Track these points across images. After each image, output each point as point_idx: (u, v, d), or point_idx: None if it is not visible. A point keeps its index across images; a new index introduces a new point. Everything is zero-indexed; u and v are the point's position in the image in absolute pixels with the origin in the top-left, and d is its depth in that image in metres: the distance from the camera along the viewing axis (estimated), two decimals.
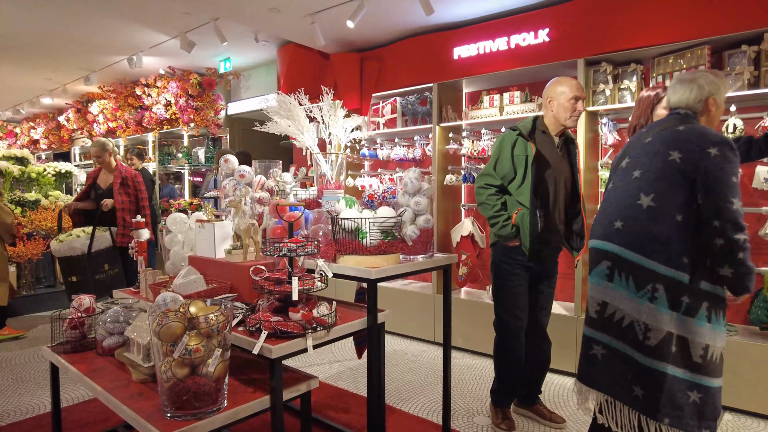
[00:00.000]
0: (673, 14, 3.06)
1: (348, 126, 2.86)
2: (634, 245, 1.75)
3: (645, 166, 1.79)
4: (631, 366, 1.76)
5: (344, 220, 2.00)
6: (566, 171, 2.56)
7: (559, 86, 2.51)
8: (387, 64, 4.44)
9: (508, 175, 2.50)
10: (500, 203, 2.50)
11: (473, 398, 3.07)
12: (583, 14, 3.37)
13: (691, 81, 1.85)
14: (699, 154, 1.69)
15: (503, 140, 2.54)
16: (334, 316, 1.87)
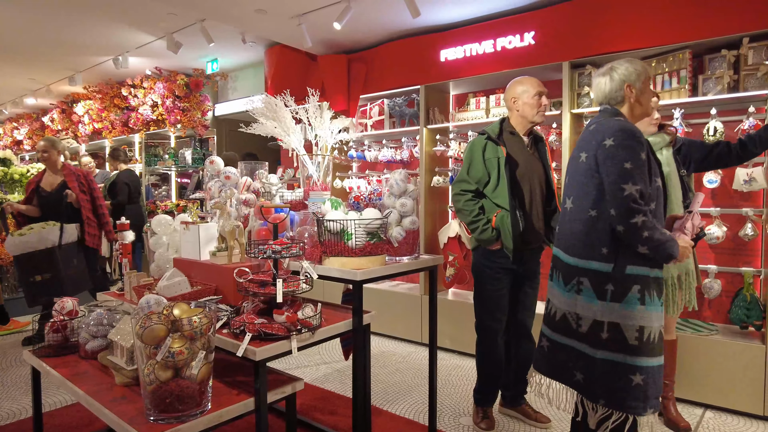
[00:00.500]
0: (655, 19, 3.11)
1: (335, 127, 2.86)
2: (563, 245, 1.90)
3: (568, 172, 1.93)
4: (570, 354, 1.85)
5: (330, 222, 2.00)
6: (539, 169, 2.59)
7: (520, 86, 2.56)
8: (374, 66, 4.45)
9: (483, 179, 2.52)
10: (478, 208, 2.52)
11: (460, 398, 3.08)
12: (567, 18, 3.40)
13: (604, 74, 1.89)
14: (597, 149, 1.77)
15: (473, 146, 2.57)
16: (319, 318, 1.87)
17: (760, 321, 2.92)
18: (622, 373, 1.74)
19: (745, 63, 2.91)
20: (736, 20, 2.87)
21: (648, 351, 1.74)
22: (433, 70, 4.05)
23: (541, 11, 3.53)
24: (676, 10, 3.04)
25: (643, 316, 1.74)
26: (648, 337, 1.74)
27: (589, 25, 3.31)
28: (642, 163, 1.72)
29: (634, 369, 1.73)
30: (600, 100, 1.93)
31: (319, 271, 2.04)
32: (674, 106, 3.09)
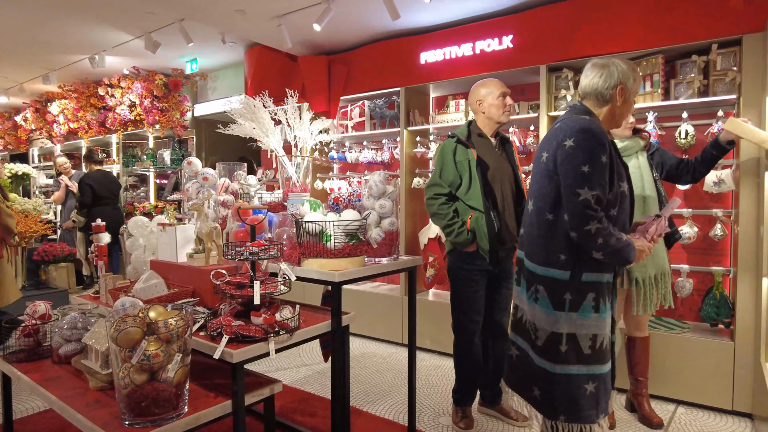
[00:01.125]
0: (629, 24, 3.18)
1: (314, 129, 2.86)
2: (525, 249, 1.86)
3: (533, 172, 1.87)
4: (530, 367, 1.80)
5: (308, 223, 2.01)
6: (508, 170, 2.63)
7: (483, 88, 2.60)
8: (355, 68, 4.45)
9: (455, 182, 2.55)
10: (452, 211, 2.54)
11: (439, 398, 3.11)
12: (545, 22, 3.46)
13: (604, 66, 1.78)
14: (557, 149, 1.70)
15: (444, 149, 2.60)
16: (297, 320, 1.87)
17: (729, 319, 3.01)
18: (577, 383, 1.70)
19: (714, 68, 3.00)
20: (706, 27, 2.95)
21: (600, 358, 1.72)
22: (413, 72, 4.08)
23: (519, 15, 3.58)
24: (649, 16, 3.11)
25: (596, 324, 1.70)
26: (600, 344, 1.72)
27: (566, 30, 3.37)
28: (602, 167, 1.64)
29: (587, 378, 1.70)
30: (588, 89, 1.82)
31: (297, 273, 2.04)
32: (648, 110, 3.16)
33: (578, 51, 3.32)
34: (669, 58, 3.18)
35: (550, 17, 3.44)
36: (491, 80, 2.64)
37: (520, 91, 3.91)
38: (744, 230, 2.82)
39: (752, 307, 2.77)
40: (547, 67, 3.40)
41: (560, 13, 3.40)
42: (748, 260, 2.80)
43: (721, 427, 2.73)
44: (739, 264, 2.84)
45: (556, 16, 3.41)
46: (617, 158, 1.77)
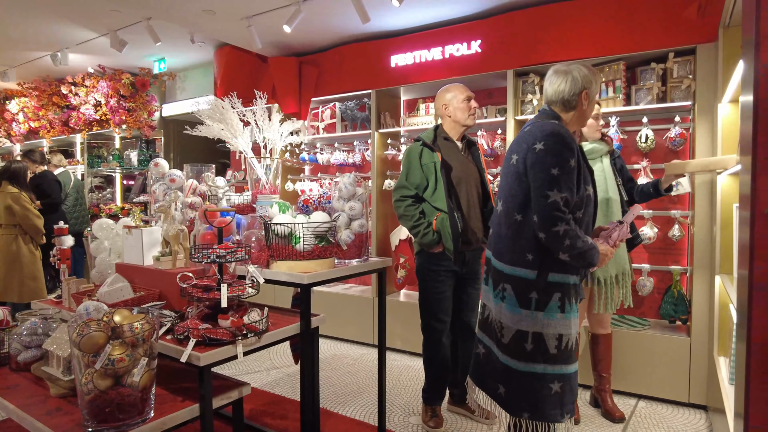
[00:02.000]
0: (592, 32, 3.28)
1: (284, 130, 2.86)
2: (492, 249, 1.90)
3: (502, 173, 1.91)
4: (495, 365, 1.85)
5: (277, 225, 2.01)
6: (474, 172, 2.69)
7: (448, 93, 2.67)
8: (326, 69, 4.46)
9: (421, 184, 2.60)
10: (418, 212, 2.59)
11: (410, 398, 3.14)
12: (512, 27, 3.54)
13: (566, 73, 1.82)
14: (527, 152, 1.74)
15: (410, 152, 2.65)
16: (265, 323, 1.87)
17: (686, 315, 3.14)
18: (542, 382, 1.74)
19: (671, 76, 3.12)
20: (663, 37, 3.07)
21: (566, 359, 1.76)
22: (384, 75, 4.10)
23: (487, 20, 3.65)
24: (611, 24, 3.22)
25: (562, 324, 1.74)
26: (566, 344, 1.75)
27: (532, 36, 3.45)
28: (570, 170, 1.68)
29: (553, 378, 1.74)
30: (551, 99, 1.86)
31: (266, 276, 2.03)
32: (611, 114, 3.27)
33: (544, 56, 3.41)
34: (630, 65, 3.30)
35: (516, 23, 3.52)
36: (456, 85, 2.71)
37: (487, 95, 3.98)
38: (699, 231, 2.94)
39: (707, 304, 2.90)
40: (514, 72, 3.48)
41: (526, 19, 3.48)
42: (703, 259, 2.92)
43: (677, 419, 2.84)
44: (694, 263, 2.97)
45: (523, 22, 3.49)
46: (584, 162, 1.82)
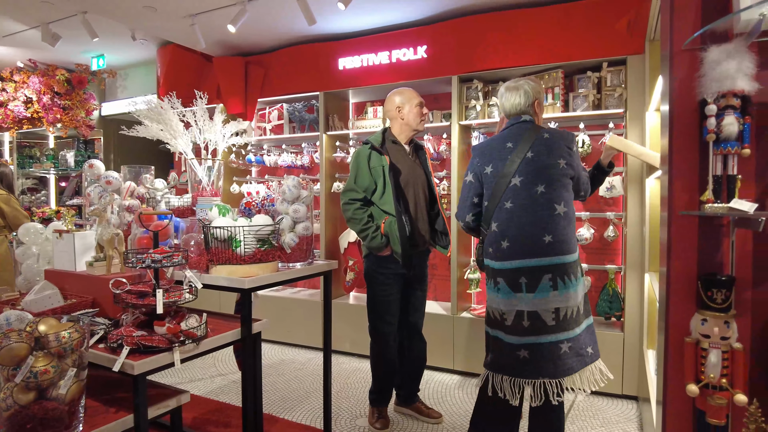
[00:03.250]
0: (533, 40, 3.40)
1: (227, 131, 2.81)
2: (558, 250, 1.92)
3: (545, 180, 1.95)
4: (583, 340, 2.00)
5: (216, 229, 1.96)
6: (421, 176, 2.73)
7: (401, 96, 2.71)
8: (273, 70, 4.40)
9: (369, 187, 2.61)
10: (367, 216, 2.60)
11: (358, 401, 3.14)
12: (456, 34, 3.61)
13: (518, 88, 2.08)
14: (571, 155, 2.02)
15: (358, 155, 2.66)
16: (204, 329, 1.83)
17: (620, 312, 3.30)
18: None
19: (605, 84, 3.29)
20: (598, 47, 3.23)
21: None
22: (332, 78, 4.10)
23: (432, 26, 3.71)
24: (550, 34, 3.35)
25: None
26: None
27: (475, 43, 3.54)
28: None
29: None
30: (513, 110, 2.09)
31: (205, 281, 1.99)
32: (550, 120, 3.40)
33: (487, 63, 3.51)
34: (568, 73, 3.45)
35: (460, 30, 3.60)
36: (408, 89, 2.74)
37: (434, 99, 4.05)
38: (631, 231, 3.11)
39: (638, 300, 3.07)
40: (458, 78, 3.56)
41: (470, 27, 3.57)
42: (634, 258, 3.09)
43: (611, 410, 2.99)
44: (627, 262, 3.13)
45: (466, 29, 3.58)
46: None
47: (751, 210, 1.33)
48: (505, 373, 1.99)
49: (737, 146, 1.43)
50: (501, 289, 1.98)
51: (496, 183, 2.01)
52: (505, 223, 1.97)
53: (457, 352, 3.56)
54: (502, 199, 2.00)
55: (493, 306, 2.04)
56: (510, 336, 1.97)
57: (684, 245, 1.58)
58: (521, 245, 1.94)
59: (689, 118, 1.55)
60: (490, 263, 2.04)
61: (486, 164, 2.05)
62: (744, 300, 1.53)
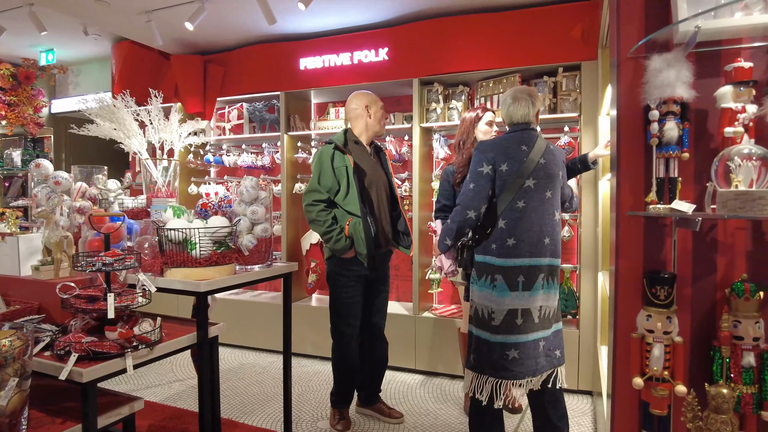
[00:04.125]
0: (492, 45, 3.47)
1: (184, 131, 2.74)
2: (551, 253, 2.08)
3: (552, 187, 2.10)
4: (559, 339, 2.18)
5: (170, 231, 1.92)
6: (383, 177, 2.75)
7: (367, 98, 2.74)
8: (233, 69, 4.33)
9: (333, 187, 2.59)
10: (331, 218, 2.57)
11: (319, 403, 3.12)
12: (417, 37, 3.65)
13: (526, 99, 2.14)
14: (564, 168, 2.20)
15: (321, 155, 2.63)
16: (158, 333, 1.78)
17: (575, 310, 3.41)
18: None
19: (561, 89, 3.39)
20: (554, 53, 3.32)
21: None
22: (293, 78, 4.07)
23: (393, 29, 3.74)
24: (508, 39, 3.43)
25: None
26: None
27: (436, 46, 3.59)
28: None
29: None
30: (522, 120, 2.14)
31: (159, 284, 1.94)
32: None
33: (447, 67, 3.56)
34: (525, 78, 3.53)
35: (421, 33, 3.64)
36: (371, 93, 2.79)
37: (395, 102, 4.08)
38: (585, 231, 3.21)
39: (592, 298, 3.17)
40: (419, 81, 3.60)
41: (430, 30, 3.61)
42: (588, 257, 3.20)
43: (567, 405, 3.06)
44: (582, 261, 3.23)
45: (427, 32, 3.62)
46: None
47: (689, 211, 1.41)
48: (489, 374, 2.04)
49: (677, 150, 1.50)
50: (498, 286, 2.02)
51: (512, 182, 2.04)
52: (515, 222, 2.02)
53: (419, 351, 3.59)
54: (516, 199, 2.04)
55: (484, 303, 2.06)
56: (497, 335, 2.02)
57: (631, 244, 1.65)
58: (526, 244, 2.01)
59: (635, 123, 1.62)
60: (491, 260, 2.05)
61: (502, 161, 2.05)
62: (685, 296, 1.61)
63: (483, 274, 2.07)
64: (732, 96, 1.43)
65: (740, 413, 1.45)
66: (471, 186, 2.06)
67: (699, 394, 1.45)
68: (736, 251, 1.57)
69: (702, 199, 1.54)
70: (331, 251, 2.64)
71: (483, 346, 2.06)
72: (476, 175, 2.07)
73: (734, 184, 1.31)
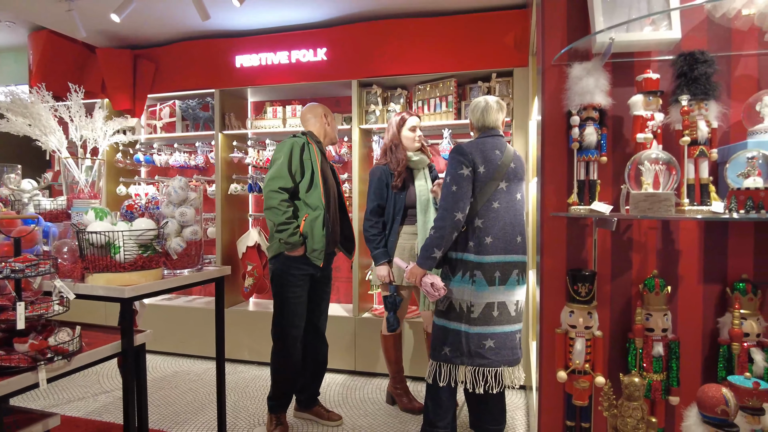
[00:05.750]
0: (429, 50, 3.54)
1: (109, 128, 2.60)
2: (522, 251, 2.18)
3: (520, 189, 2.22)
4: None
5: (91, 234, 1.81)
6: (334, 183, 2.79)
7: (322, 108, 2.81)
8: (165, 65, 4.15)
9: (297, 176, 2.58)
10: (291, 211, 2.53)
11: (256, 410, 3.05)
12: (356, 38, 3.66)
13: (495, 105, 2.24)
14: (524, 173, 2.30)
15: (293, 144, 2.60)
16: (77, 343, 1.67)
17: None
18: None
19: (494, 94, 3.50)
20: (488, 58, 3.43)
21: None
22: (228, 75, 3.95)
23: (332, 29, 3.72)
24: (444, 45, 3.50)
25: None
26: None
27: (374, 48, 3.61)
28: None
29: None
30: (493, 126, 2.23)
31: (80, 290, 1.82)
32: (444, 127, 3.55)
33: (385, 69, 3.59)
34: (461, 82, 3.62)
35: (359, 35, 3.65)
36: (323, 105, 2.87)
37: (335, 103, 4.07)
38: None
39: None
40: (358, 82, 3.60)
41: (368, 32, 3.63)
42: None
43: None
44: None
45: (365, 34, 3.63)
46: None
47: (607, 211, 1.49)
48: (467, 363, 2.14)
49: (597, 154, 1.59)
50: (477, 281, 2.10)
51: (487, 183, 2.12)
52: (491, 221, 2.12)
53: (359, 353, 3.59)
54: (491, 199, 2.13)
55: (462, 298, 2.14)
56: (475, 327, 2.12)
57: (554, 244, 1.73)
58: (501, 242, 2.12)
59: (558, 127, 1.70)
60: (468, 257, 2.13)
61: (480, 164, 2.12)
62: (604, 292, 1.71)
63: (460, 271, 2.15)
64: (642, 104, 1.54)
65: (651, 399, 1.56)
66: (454, 189, 2.10)
67: (615, 384, 1.55)
68: (649, 249, 1.69)
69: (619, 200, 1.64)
70: (280, 247, 2.56)
71: (460, 337, 2.15)
72: (458, 177, 2.10)
73: (644, 186, 1.40)
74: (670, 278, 1.66)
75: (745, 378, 1.34)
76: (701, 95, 1.46)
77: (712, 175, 1.53)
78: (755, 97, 1.52)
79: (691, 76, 1.47)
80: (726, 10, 1.44)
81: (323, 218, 2.55)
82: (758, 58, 1.59)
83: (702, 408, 1.29)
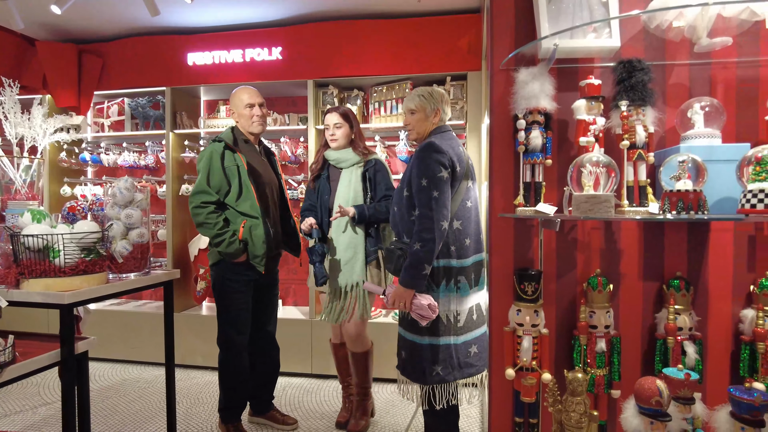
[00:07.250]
0: (386, 52, 3.55)
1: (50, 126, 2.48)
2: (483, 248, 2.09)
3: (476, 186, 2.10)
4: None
5: (27, 237, 1.72)
6: (273, 178, 2.67)
7: (235, 97, 2.58)
8: (113, 61, 3.99)
9: (223, 188, 2.46)
10: (222, 220, 2.43)
11: (209, 416, 2.98)
12: (312, 38, 3.63)
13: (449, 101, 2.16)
14: None
15: (211, 153, 2.46)
16: (9, 353, 1.58)
17: None
18: None
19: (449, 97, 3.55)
20: (443, 62, 3.48)
21: None
22: (180, 73, 3.85)
23: (287, 29, 3.69)
24: (400, 46, 3.53)
25: None
26: None
27: (331, 49, 3.60)
28: None
29: None
30: (447, 120, 2.15)
31: (14, 297, 1.73)
32: (400, 129, 3.58)
33: (340, 70, 3.58)
34: (416, 85, 3.65)
35: (315, 35, 3.63)
36: (246, 88, 2.58)
37: (291, 102, 4.03)
38: None
39: None
40: (314, 83, 3.58)
41: (325, 32, 3.61)
42: None
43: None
44: None
45: (321, 34, 3.62)
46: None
47: (551, 212, 1.54)
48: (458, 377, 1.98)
49: (542, 157, 1.64)
50: (461, 287, 1.95)
51: (461, 182, 1.97)
52: (467, 221, 1.99)
53: (315, 355, 3.56)
54: (465, 198, 1.99)
55: (449, 308, 1.95)
56: (460, 336, 1.97)
57: (502, 244, 1.77)
58: (475, 242, 2.03)
59: (506, 131, 1.75)
60: (452, 263, 1.94)
61: (457, 163, 1.94)
62: (550, 291, 1.76)
63: (443, 279, 1.94)
64: (585, 109, 1.60)
65: (594, 393, 1.62)
66: (435, 194, 1.85)
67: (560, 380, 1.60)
68: (592, 249, 1.75)
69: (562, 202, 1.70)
70: (220, 256, 2.49)
71: (450, 351, 1.96)
72: (437, 181, 1.86)
73: (585, 188, 1.45)
74: (612, 276, 1.73)
75: (677, 370, 1.41)
76: (639, 101, 1.53)
77: (650, 177, 1.61)
78: (687, 104, 1.61)
79: (629, 83, 1.54)
80: (659, 22, 1.52)
81: (263, 224, 2.46)
82: (690, 68, 1.68)
83: (638, 400, 1.36)
